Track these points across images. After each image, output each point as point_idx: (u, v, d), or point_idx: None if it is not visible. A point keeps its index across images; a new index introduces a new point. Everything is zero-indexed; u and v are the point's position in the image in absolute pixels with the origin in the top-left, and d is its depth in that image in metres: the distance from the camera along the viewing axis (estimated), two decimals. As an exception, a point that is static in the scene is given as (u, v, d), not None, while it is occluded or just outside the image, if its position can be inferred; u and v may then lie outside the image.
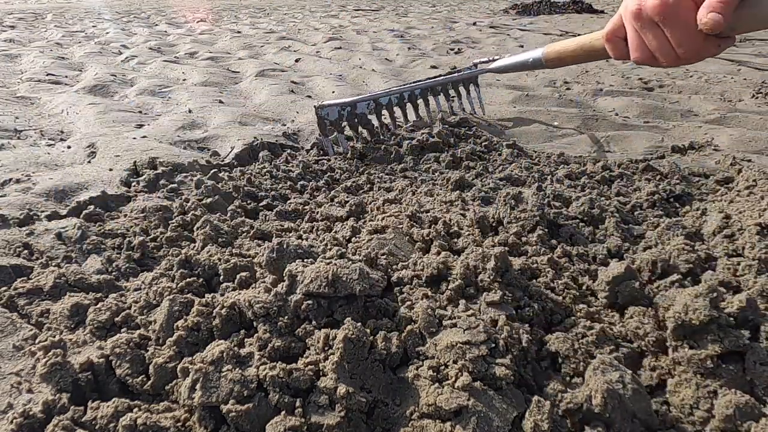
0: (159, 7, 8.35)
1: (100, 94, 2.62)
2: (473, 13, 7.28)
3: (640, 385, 0.64)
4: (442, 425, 0.61)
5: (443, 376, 0.66)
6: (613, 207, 1.12)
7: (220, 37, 4.81)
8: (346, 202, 1.31)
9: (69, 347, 0.80)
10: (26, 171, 1.52)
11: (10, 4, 8.61)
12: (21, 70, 3.19)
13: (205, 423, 0.63)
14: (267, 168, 1.55)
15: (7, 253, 1.06)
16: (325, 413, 0.62)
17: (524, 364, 0.71)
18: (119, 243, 1.13)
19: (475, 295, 0.82)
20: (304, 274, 0.78)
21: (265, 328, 0.74)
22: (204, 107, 2.31)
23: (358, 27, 5.62)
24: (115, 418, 0.65)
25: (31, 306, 0.91)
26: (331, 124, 1.68)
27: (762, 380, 0.66)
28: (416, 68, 3.34)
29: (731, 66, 3.01)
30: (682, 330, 0.71)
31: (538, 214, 1.04)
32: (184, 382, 0.65)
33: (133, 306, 0.89)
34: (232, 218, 1.23)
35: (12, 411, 0.68)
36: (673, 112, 2.14)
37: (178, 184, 1.46)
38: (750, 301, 0.72)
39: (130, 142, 1.77)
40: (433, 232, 1.03)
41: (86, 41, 4.48)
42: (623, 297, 0.83)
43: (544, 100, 2.39)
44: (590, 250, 1.03)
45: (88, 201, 1.32)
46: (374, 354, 0.69)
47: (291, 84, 2.79)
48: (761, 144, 1.71)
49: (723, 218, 1.02)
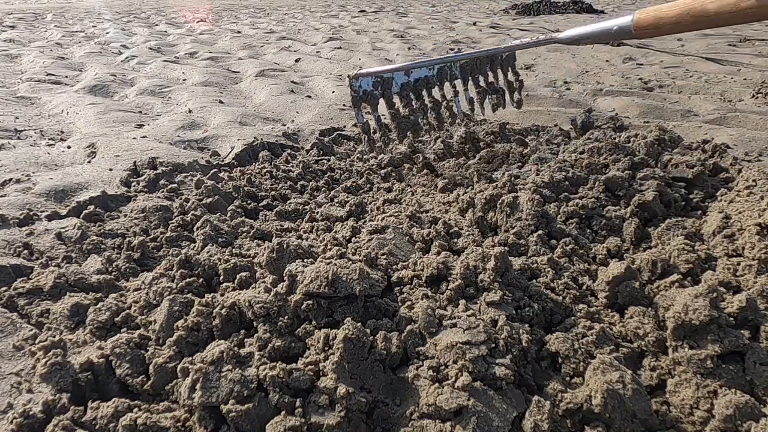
0: (159, 7, 8.35)
1: (100, 94, 2.62)
2: (473, 13, 7.28)
3: (640, 385, 0.64)
4: (442, 425, 0.61)
5: (443, 376, 0.66)
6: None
7: (220, 37, 4.81)
8: (346, 202, 1.31)
9: (69, 347, 0.80)
10: (26, 171, 1.52)
11: (10, 4, 8.61)
12: (21, 70, 3.19)
13: (205, 423, 0.63)
14: (267, 168, 1.55)
15: (7, 253, 1.06)
16: (325, 413, 0.62)
17: (524, 364, 0.71)
18: (119, 243, 1.13)
19: (475, 295, 0.81)
20: (304, 274, 0.78)
21: (265, 328, 0.74)
22: (204, 107, 2.31)
23: (358, 27, 5.62)
24: (115, 418, 0.65)
25: (31, 306, 0.91)
26: (364, 98, 1.46)
27: (762, 380, 0.66)
28: (416, 68, 3.34)
29: (731, 66, 3.01)
30: (682, 330, 0.71)
31: (533, 222, 1.04)
32: (184, 382, 0.65)
33: (133, 306, 0.89)
34: (232, 218, 1.23)
35: (12, 411, 0.68)
36: (673, 112, 2.14)
37: (178, 184, 1.46)
38: (750, 301, 0.72)
39: (130, 142, 1.77)
40: (433, 232, 1.03)
41: (86, 41, 4.48)
42: (623, 297, 0.83)
43: (544, 100, 2.39)
44: (590, 250, 1.03)
45: (88, 201, 1.32)
46: (374, 354, 0.69)
47: (291, 84, 2.79)
48: (761, 144, 1.71)
49: (723, 218, 1.02)
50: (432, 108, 1.59)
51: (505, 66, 1.79)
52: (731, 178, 1.32)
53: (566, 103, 2.35)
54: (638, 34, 1.07)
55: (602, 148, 1.34)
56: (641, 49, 3.69)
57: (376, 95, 1.49)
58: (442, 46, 4.18)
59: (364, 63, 3.53)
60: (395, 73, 1.52)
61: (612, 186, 1.16)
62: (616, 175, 1.17)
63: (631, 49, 3.70)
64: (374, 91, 1.48)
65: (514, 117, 2.16)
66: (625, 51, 3.66)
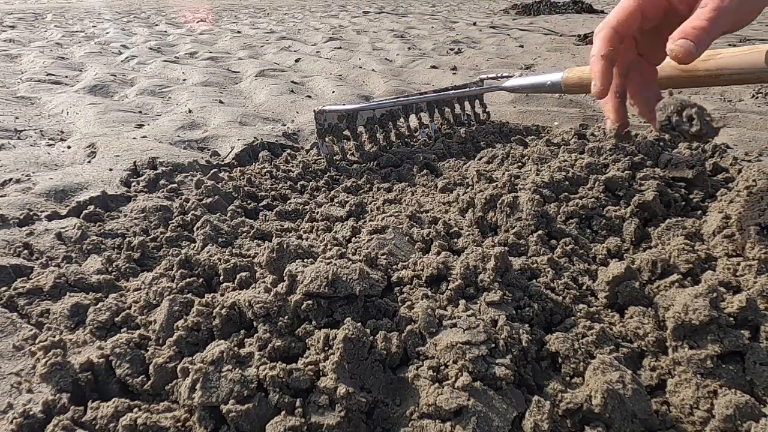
0: (159, 7, 8.34)
1: (100, 94, 2.62)
2: (473, 13, 7.28)
3: (640, 385, 0.64)
4: (442, 425, 0.61)
5: (443, 376, 0.66)
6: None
7: (220, 37, 4.81)
8: (346, 202, 1.31)
9: (69, 347, 0.80)
10: (26, 171, 1.52)
11: (10, 4, 8.61)
12: (21, 70, 3.19)
13: (205, 423, 0.63)
14: (267, 168, 1.55)
15: (7, 253, 1.06)
16: (325, 413, 0.62)
17: (524, 364, 0.71)
18: (119, 243, 1.13)
19: (475, 295, 0.81)
20: (304, 274, 0.78)
21: (265, 328, 0.74)
22: (204, 107, 2.31)
23: (358, 27, 5.62)
24: (115, 418, 0.65)
25: (31, 306, 0.91)
26: (329, 130, 1.60)
27: (762, 380, 0.66)
28: (416, 68, 3.34)
29: (731, 66, 3.00)
30: (682, 330, 0.71)
31: (533, 222, 1.04)
32: (184, 382, 0.65)
33: (133, 306, 0.89)
34: (232, 218, 1.23)
35: (12, 411, 0.68)
36: (673, 112, 2.14)
37: (178, 184, 1.46)
38: (750, 301, 0.72)
39: (130, 142, 1.77)
40: (433, 232, 1.03)
41: (86, 41, 4.48)
42: (623, 297, 0.83)
43: (544, 100, 2.39)
44: (590, 250, 1.03)
45: (88, 201, 1.32)
46: (374, 354, 0.69)
47: (291, 84, 2.79)
48: (761, 144, 1.71)
49: (723, 218, 1.02)
50: (397, 138, 1.77)
51: (472, 99, 1.95)
52: (731, 178, 1.32)
53: (566, 103, 2.35)
54: (567, 90, 1.19)
55: (602, 148, 1.34)
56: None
57: (341, 127, 1.62)
58: (442, 46, 4.18)
59: (364, 63, 3.53)
60: (360, 112, 1.65)
61: (612, 186, 1.16)
62: (616, 175, 1.16)
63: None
64: (339, 123, 1.60)
65: (514, 117, 2.16)
66: (625, 51, 3.65)
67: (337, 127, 1.62)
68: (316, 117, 1.60)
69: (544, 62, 3.40)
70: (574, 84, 1.16)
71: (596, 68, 0.88)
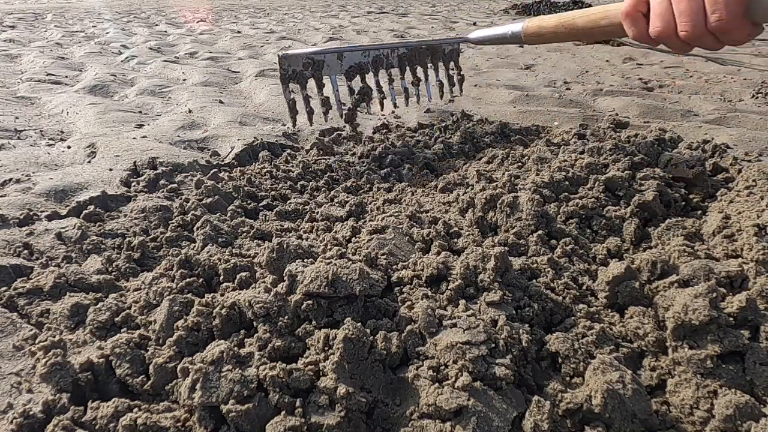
0: (159, 7, 8.34)
1: (100, 94, 2.62)
2: (473, 13, 7.28)
3: (640, 385, 0.64)
4: (442, 425, 0.61)
5: (443, 376, 0.66)
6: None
7: (220, 37, 4.81)
8: (346, 202, 1.31)
9: (69, 347, 0.80)
10: (26, 171, 1.52)
11: (10, 4, 8.61)
12: (21, 70, 3.19)
13: (205, 423, 0.63)
14: (267, 168, 1.55)
15: (7, 253, 1.06)
16: (325, 413, 0.62)
17: (524, 364, 0.71)
18: (119, 243, 1.13)
19: (475, 295, 0.81)
20: (304, 274, 0.78)
21: (265, 328, 0.74)
22: (204, 107, 2.31)
23: (358, 27, 5.62)
24: (115, 418, 0.65)
25: (31, 306, 0.91)
26: (293, 76, 1.48)
27: (762, 380, 0.66)
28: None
29: (731, 66, 3.01)
30: (682, 330, 0.71)
31: (533, 222, 1.04)
32: (184, 382, 0.65)
33: (133, 306, 0.89)
34: (232, 218, 1.23)
35: (12, 411, 0.68)
36: (673, 112, 2.14)
37: (178, 184, 1.46)
38: (750, 301, 0.72)
39: (130, 142, 1.77)
40: (433, 232, 1.03)
41: (86, 41, 4.47)
42: (623, 297, 0.83)
43: (543, 100, 2.39)
44: (590, 250, 1.03)
45: (88, 201, 1.32)
46: (374, 354, 0.69)
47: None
48: (761, 144, 1.71)
49: (722, 218, 1.02)
50: (363, 95, 1.64)
51: (447, 59, 1.83)
52: (731, 178, 1.32)
53: (566, 103, 2.35)
54: (527, 40, 1.23)
55: (602, 148, 1.34)
56: (641, 49, 3.69)
57: (305, 75, 1.50)
58: (442, 46, 4.17)
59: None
60: (326, 55, 1.53)
61: (612, 186, 1.16)
62: (616, 175, 1.17)
63: (631, 49, 3.70)
64: (304, 71, 1.49)
65: (514, 117, 2.16)
66: (625, 51, 3.66)
67: (302, 74, 1.52)
68: (279, 62, 1.51)
69: (544, 62, 3.40)
70: (533, 33, 1.19)
71: None
